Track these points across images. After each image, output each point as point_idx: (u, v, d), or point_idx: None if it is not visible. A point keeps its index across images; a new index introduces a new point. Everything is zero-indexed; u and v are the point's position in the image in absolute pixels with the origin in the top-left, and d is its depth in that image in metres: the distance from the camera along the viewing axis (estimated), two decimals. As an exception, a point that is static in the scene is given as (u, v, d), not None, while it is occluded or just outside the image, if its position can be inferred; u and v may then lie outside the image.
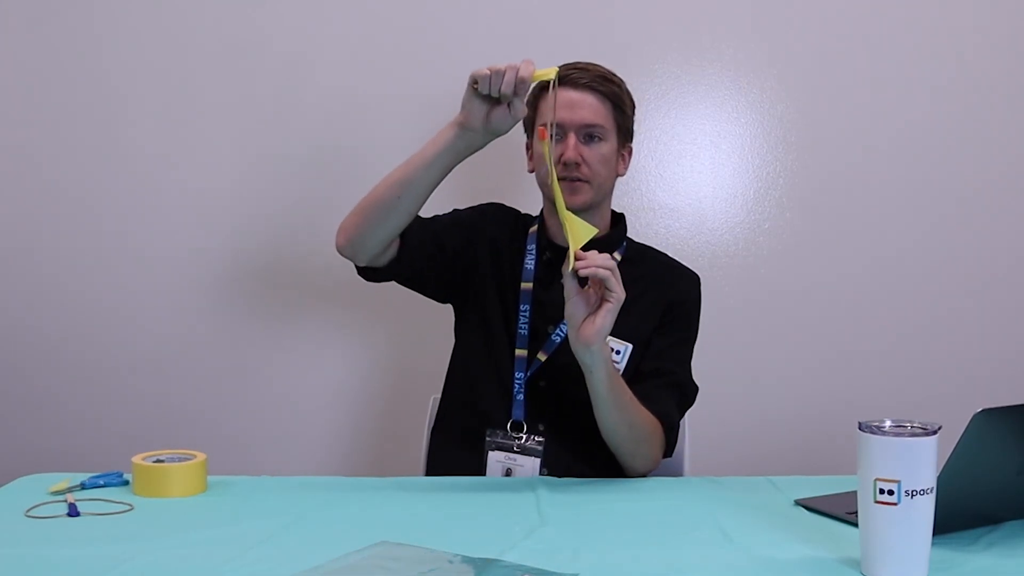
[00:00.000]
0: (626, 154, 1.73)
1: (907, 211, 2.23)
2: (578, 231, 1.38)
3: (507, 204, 1.81)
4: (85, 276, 2.23)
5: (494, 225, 1.75)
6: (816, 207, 2.23)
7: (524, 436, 1.61)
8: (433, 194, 1.56)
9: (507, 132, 1.47)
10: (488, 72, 1.39)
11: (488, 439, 1.62)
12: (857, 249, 2.23)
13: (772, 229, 2.23)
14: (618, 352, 1.63)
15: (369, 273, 1.65)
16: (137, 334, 2.24)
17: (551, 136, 1.53)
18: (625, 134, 1.70)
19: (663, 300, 1.67)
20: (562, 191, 1.56)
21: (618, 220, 1.76)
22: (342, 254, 1.61)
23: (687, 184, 2.23)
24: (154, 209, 2.22)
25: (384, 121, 2.20)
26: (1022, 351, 2.25)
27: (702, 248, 2.22)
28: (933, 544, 1.01)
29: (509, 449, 1.60)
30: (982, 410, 1.06)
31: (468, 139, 1.48)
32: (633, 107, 1.71)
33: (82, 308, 2.23)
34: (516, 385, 1.63)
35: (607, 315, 1.38)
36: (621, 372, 1.64)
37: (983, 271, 2.23)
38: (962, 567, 1.06)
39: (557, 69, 1.41)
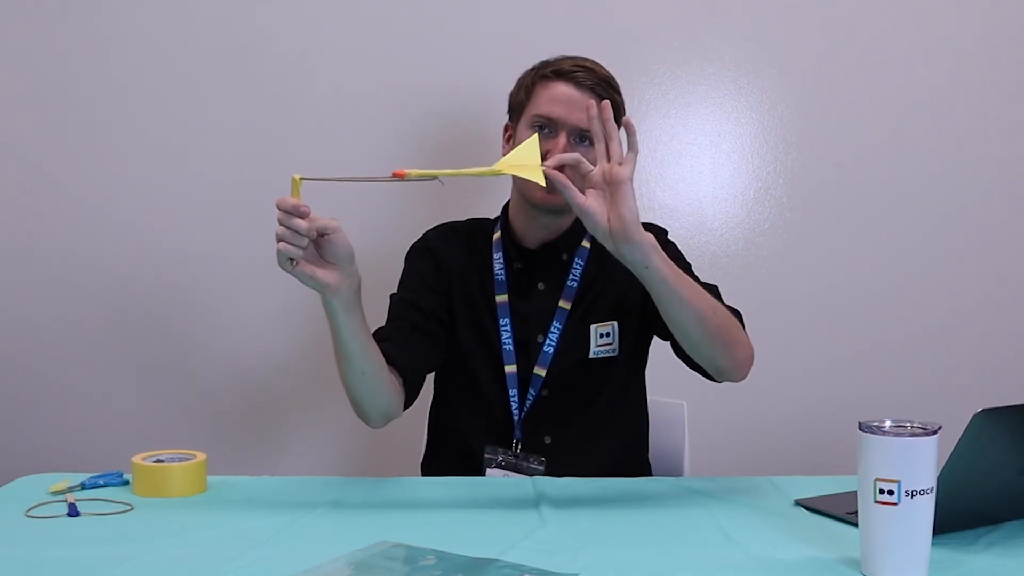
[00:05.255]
0: None
1: (907, 211, 2.23)
2: (525, 171, 1.28)
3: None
4: (84, 275, 2.23)
5: (446, 257, 1.66)
6: (816, 207, 2.23)
7: (524, 455, 1.58)
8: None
9: (352, 255, 1.29)
10: (280, 247, 1.25)
11: (488, 456, 1.58)
12: (857, 249, 2.23)
13: (772, 229, 2.23)
14: (607, 334, 1.61)
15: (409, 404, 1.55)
16: (137, 333, 2.24)
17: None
18: None
19: None
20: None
21: None
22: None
23: (687, 184, 2.23)
24: (151, 209, 2.22)
25: (386, 120, 2.20)
26: (1022, 351, 2.25)
27: (702, 248, 2.22)
28: (933, 544, 1.00)
29: (511, 468, 1.57)
30: (982, 410, 1.06)
31: (335, 291, 1.29)
32: (625, 115, 1.64)
33: (82, 307, 2.23)
34: (512, 403, 1.60)
35: (623, 199, 1.28)
36: (615, 351, 1.62)
37: (983, 271, 2.23)
38: (962, 567, 1.06)
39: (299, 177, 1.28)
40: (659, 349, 1.67)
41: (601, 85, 1.57)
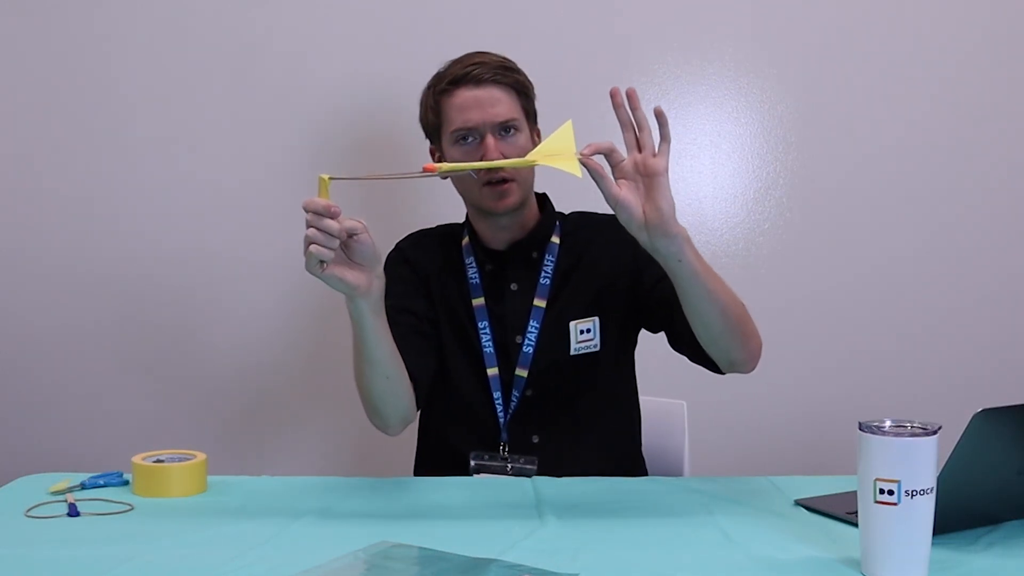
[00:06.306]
0: (536, 137, 1.62)
1: (907, 211, 2.23)
2: (559, 161, 1.24)
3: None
4: (84, 275, 2.23)
5: (423, 263, 1.66)
6: (816, 207, 2.23)
7: (515, 457, 1.56)
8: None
9: (378, 256, 1.29)
10: (312, 250, 1.21)
11: (473, 463, 1.55)
12: (857, 249, 2.23)
13: (772, 229, 2.23)
14: (588, 330, 1.59)
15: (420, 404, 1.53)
16: (137, 333, 2.24)
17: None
18: (533, 119, 1.62)
19: (622, 252, 1.56)
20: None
21: (543, 203, 1.68)
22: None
23: (687, 184, 2.23)
24: (151, 209, 2.22)
25: (388, 119, 2.20)
26: (1022, 351, 2.25)
27: (702, 248, 2.17)
28: (933, 544, 1.00)
29: (500, 472, 1.54)
30: (982, 410, 1.06)
31: (365, 293, 1.28)
32: (533, 88, 1.62)
33: (82, 308, 2.23)
34: (497, 406, 1.59)
35: (660, 191, 1.25)
36: (597, 346, 1.60)
37: (983, 271, 2.23)
38: (962, 567, 1.06)
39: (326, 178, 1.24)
40: (660, 349, 1.67)
41: (500, 72, 1.56)
